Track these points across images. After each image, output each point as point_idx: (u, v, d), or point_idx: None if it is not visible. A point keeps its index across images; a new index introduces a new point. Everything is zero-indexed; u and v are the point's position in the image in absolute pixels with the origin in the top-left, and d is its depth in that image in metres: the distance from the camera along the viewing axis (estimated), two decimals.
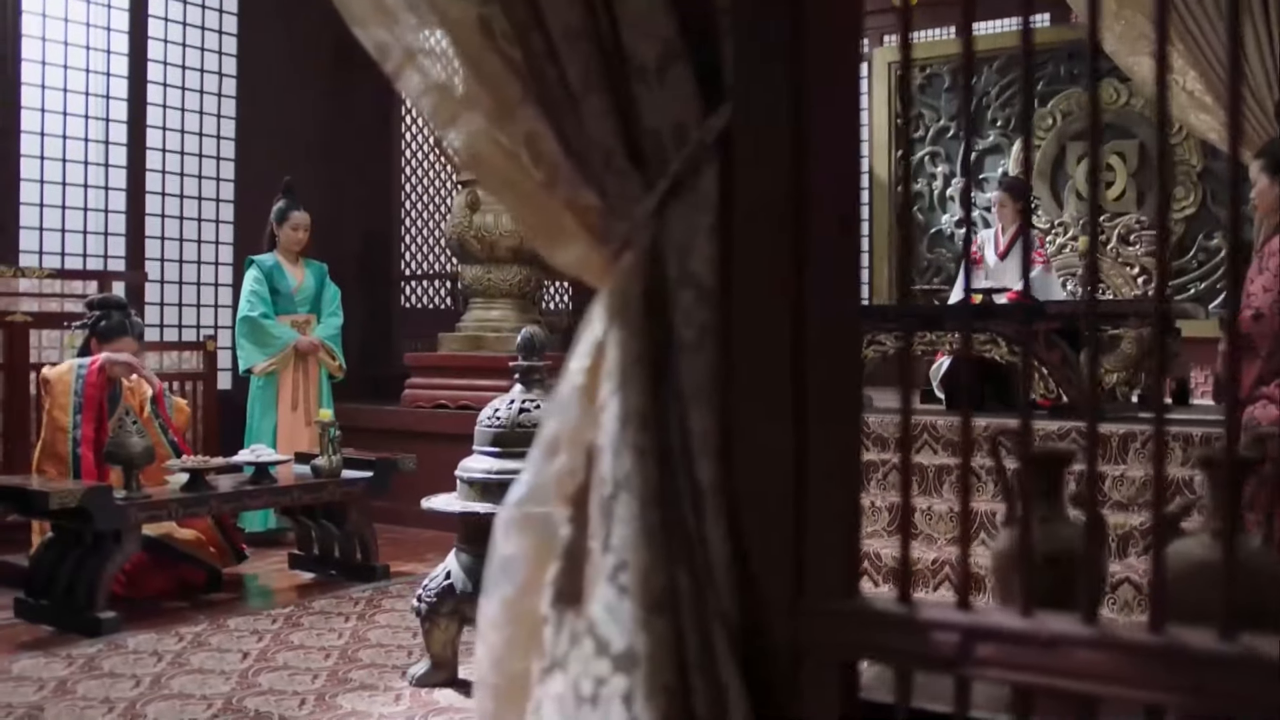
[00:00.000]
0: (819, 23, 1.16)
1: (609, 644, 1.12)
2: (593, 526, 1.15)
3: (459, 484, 3.79)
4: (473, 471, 3.72)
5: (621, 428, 1.15)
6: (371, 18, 1.41)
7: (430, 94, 1.36)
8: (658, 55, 1.23)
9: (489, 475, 3.67)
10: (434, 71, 1.37)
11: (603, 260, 1.28)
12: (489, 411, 3.79)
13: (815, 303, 1.14)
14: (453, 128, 1.36)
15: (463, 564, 3.70)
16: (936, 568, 4.88)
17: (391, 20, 1.39)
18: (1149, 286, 7.57)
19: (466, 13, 1.33)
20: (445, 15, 1.34)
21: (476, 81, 1.33)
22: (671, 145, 1.24)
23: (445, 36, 1.35)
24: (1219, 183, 7.86)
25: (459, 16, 1.33)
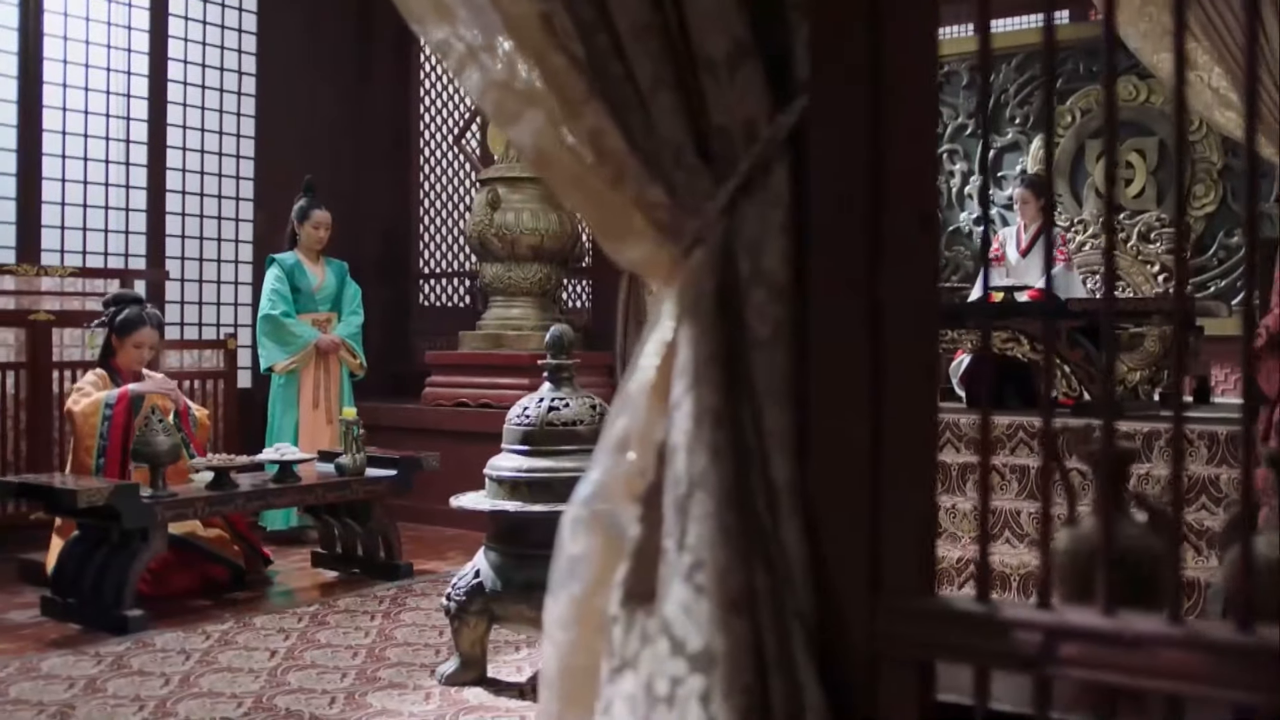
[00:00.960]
0: (895, 16, 1.15)
1: (685, 643, 1.11)
2: (667, 525, 1.14)
3: (488, 482, 3.79)
4: (502, 470, 3.72)
5: (696, 426, 1.15)
6: (431, 16, 1.41)
7: (492, 92, 1.36)
8: (728, 52, 1.22)
9: (518, 473, 3.67)
10: (495, 69, 1.36)
11: (670, 257, 1.27)
12: (518, 410, 3.78)
13: (893, 300, 1.13)
14: (515, 126, 1.35)
15: (491, 562, 3.69)
16: (961, 566, 4.87)
17: (452, 18, 1.38)
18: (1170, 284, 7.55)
19: (528, 10, 1.32)
20: (507, 13, 1.33)
21: (539, 79, 1.32)
22: (741, 142, 1.23)
23: (506, 34, 1.34)
24: (1239, 180, 7.82)
25: (520, 14, 1.33)
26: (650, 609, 1.20)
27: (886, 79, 1.15)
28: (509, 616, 3.68)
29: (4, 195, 6.27)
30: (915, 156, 1.15)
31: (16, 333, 5.88)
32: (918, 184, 1.14)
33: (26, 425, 5.85)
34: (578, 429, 3.70)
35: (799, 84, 1.23)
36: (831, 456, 1.15)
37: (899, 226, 1.14)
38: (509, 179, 6.64)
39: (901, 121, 1.15)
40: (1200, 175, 7.97)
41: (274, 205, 7.19)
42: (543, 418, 3.70)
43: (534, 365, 6.43)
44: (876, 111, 1.16)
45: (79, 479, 4.59)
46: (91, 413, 4.78)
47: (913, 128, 1.15)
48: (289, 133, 7.46)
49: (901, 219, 1.14)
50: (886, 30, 1.16)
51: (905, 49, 1.15)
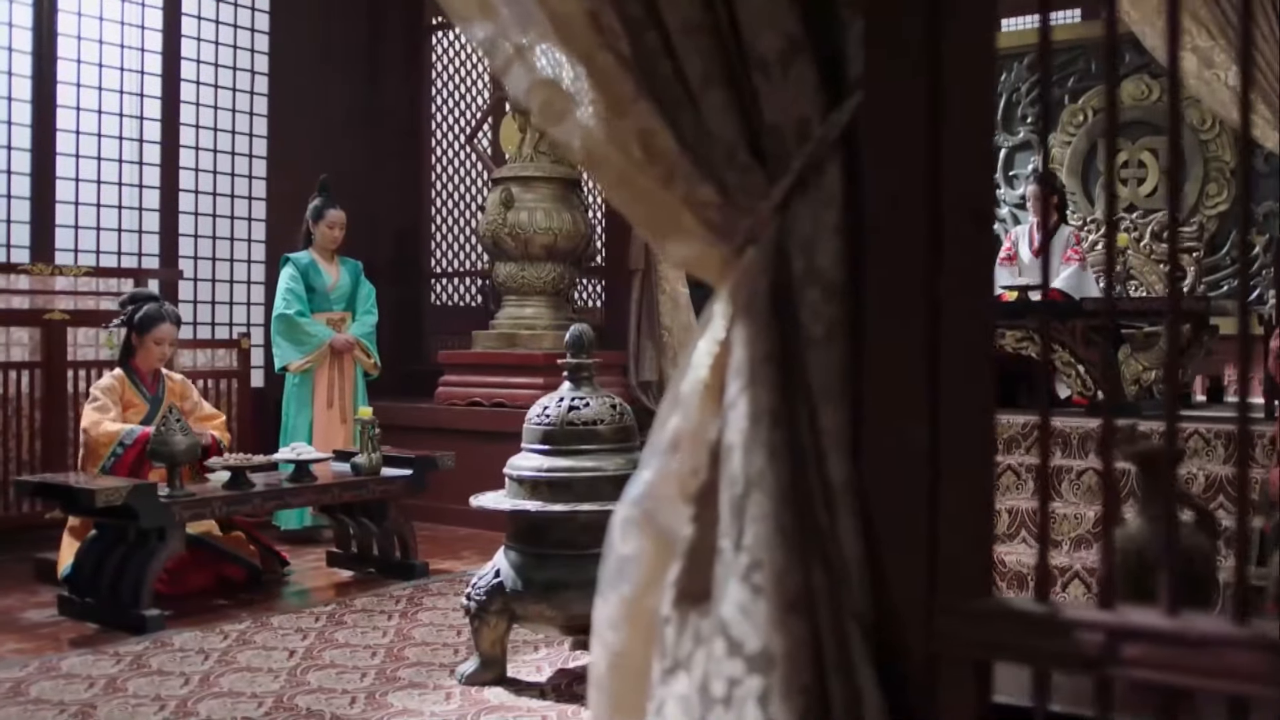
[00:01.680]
0: (953, 13, 1.14)
1: (743, 644, 1.11)
2: (723, 525, 1.14)
3: (508, 482, 3.78)
4: (522, 469, 3.72)
5: (752, 425, 1.14)
6: (476, 13, 1.40)
7: (538, 91, 1.35)
8: (780, 50, 1.21)
9: (539, 473, 3.66)
10: (541, 68, 1.35)
11: (721, 256, 1.26)
12: (538, 409, 3.78)
13: (950, 299, 1.12)
14: (562, 125, 1.34)
15: (512, 562, 3.69)
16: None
17: (496, 16, 1.38)
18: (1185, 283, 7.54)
19: (575, 8, 1.32)
20: (553, 12, 1.33)
21: (586, 78, 1.32)
22: (794, 140, 1.22)
23: (552, 33, 1.34)
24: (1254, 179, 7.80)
25: (567, 12, 1.32)
26: (703, 609, 1.20)
27: (943, 76, 1.15)
28: (529, 616, 3.67)
29: (18, 195, 6.27)
30: (972, 154, 1.14)
31: (31, 332, 5.89)
32: (974, 182, 1.14)
33: (41, 425, 5.85)
34: (598, 428, 3.70)
35: (851, 82, 1.23)
36: (888, 456, 1.15)
37: (955, 225, 1.14)
38: (522, 178, 6.63)
39: (958, 119, 1.14)
40: (1213, 174, 7.95)
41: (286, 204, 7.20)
42: (563, 417, 3.70)
43: (547, 365, 6.44)
44: (933, 109, 1.15)
45: (96, 478, 4.59)
46: (105, 443, 4.77)
47: (970, 125, 1.14)
48: (301, 132, 7.47)
49: (958, 218, 1.13)
50: (944, 27, 1.15)
51: (963, 45, 1.14)
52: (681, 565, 1.21)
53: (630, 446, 3.77)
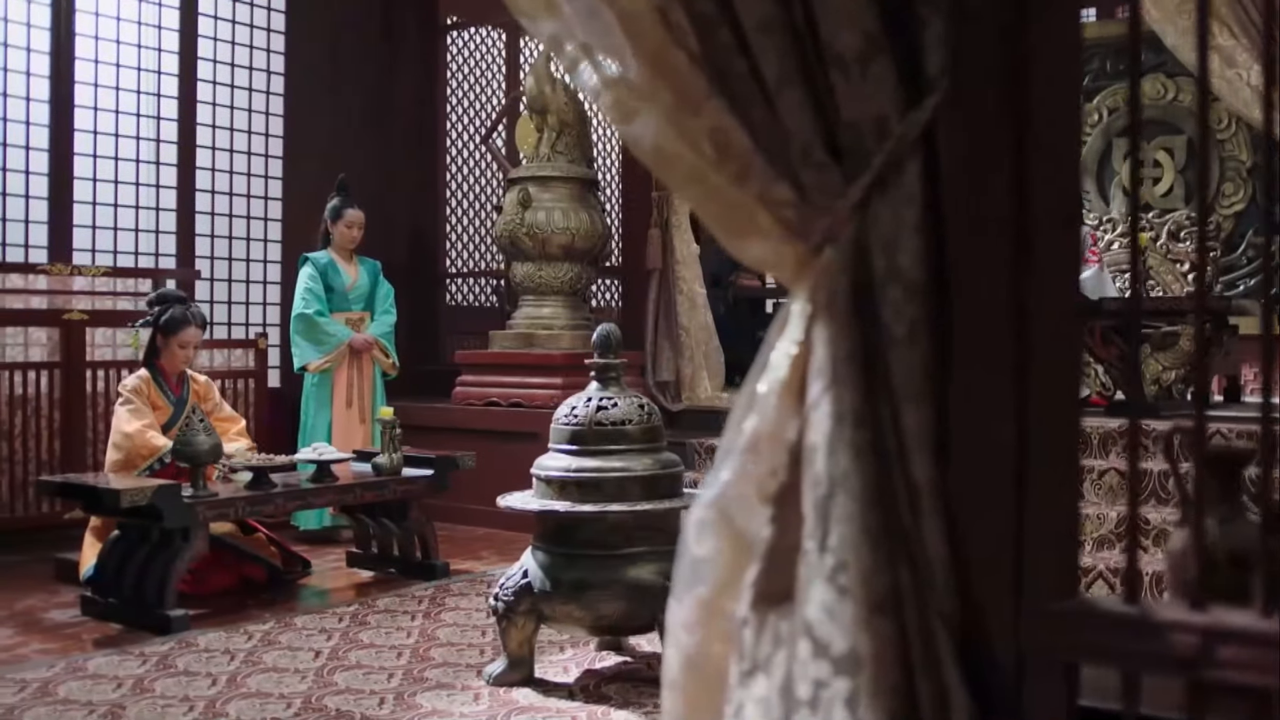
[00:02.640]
0: (1037, 11, 1.13)
1: (829, 646, 1.10)
2: (808, 527, 1.13)
3: (535, 482, 3.77)
4: (550, 470, 3.70)
5: (837, 426, 1.13)
6: (541, 11, 1.39)
7: (608, 89, 1.34)
8: (859, 48, 1.20)
9: (567, 473, 3.65)
10: (610, 66, 1.34)
11: (797, 255, 1.25)
12: (566, 409, 3.77)
13: (1036, 299, 1.12)
14: (632, 124, 1.33)
15: (540, 562, 3.68)
16: None
17: (563, 14, 1.37)
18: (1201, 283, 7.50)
19: (642, 5, 1.31)
20: (621, 9, 1.32)
21: (657, 76, 1.31)
22: (872, 139, 1.21)
23: (620, 30, 1.33)
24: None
25: (634, 9, 1.31)
26: (783, 611, 1.19)
27: (1028, 75, 1.14)
28: (557, 617, 3.67)
29: (36, 195, 6.27)
30: (1058, 154, 1.13)
31: (50, 332, 5.89)
32: (1060, 181, 1.13)
33: (61, 425, 5.85)
34: (626, 428, 3.69)
35: (929, 80, 1.22)
36: (974, 456, 1.14)
37: (1042, 225, 1.13)
38: (540, 178, 6.63)
39: (1044, 118, 1.13)
40: (1229, 174, 7.93)
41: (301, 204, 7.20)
42: (591, 417, 3.69)
43: (565, 364, 6.44)
44: (1017, 108, 1.14)
45: (121, 478, 4.59)
46: (146, 454, 4.77)
47: (1055, 124, 1.13)
48: (316, 132, 7.46)
49: (1044, 217, 1.13)
50: (1028, 25, 1.14)
51: (1048, 43, 1.13)
52: (760, 566, 1.20)
53: (658, 447, 3.76)
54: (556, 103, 6.63)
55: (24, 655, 4.03)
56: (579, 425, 3.70)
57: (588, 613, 3.62)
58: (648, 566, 3.61)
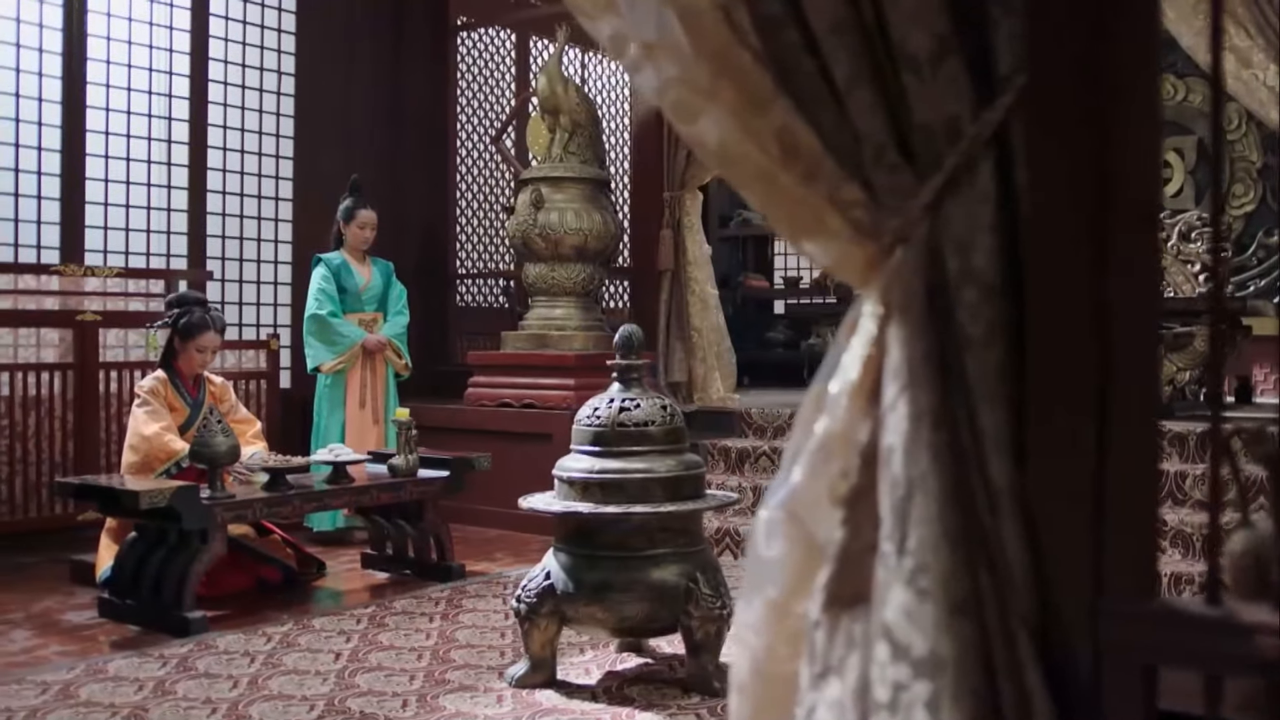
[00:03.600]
0: (1116, 9, 1.12)
1: (909, 649, 1.09)
2: (886, 529, 1.12)
3: (556, 483, 3.76)
4: (572, 471, 3.70)
5: (914, 427, 1.12)
6: (601, 10, 1.38)
7: (670, 90, 1.33)
8: (930, 48, 1.20)
9: (590, 474, 3.64)
10: (671, 67, 1.33)
11: (867, 256, 1.24)
12: (588, 410, 3.76)
13: (1117, 299, 1.11)
14: (695, 124, 1.33)
15: (562, 564, 3.67)
16: None
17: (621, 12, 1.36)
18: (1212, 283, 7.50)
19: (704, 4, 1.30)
20: (683, 9, 1.31)
21: (720, 75, 1.30)
22: (944, 139, 1.20)
23: (682, 29, 1.32)
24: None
25: (697, 9, 1.30)
26: (855, 613, 1.18)
27: (1106, 73, 1.13)
28: (580, 618, 3.66)
29: (48, 196, 6.26)
30: (1137, 153, 1.12)
31: (62, 333, 5.88)
32: (1140, 181, 1.12)
33: (74, 426, 5.84)
34: (649, 430, 3.68)
35: (1001, 80, 1.21)
36: (1052, 458, 1.13)
37: (1121, 223, 1.12)
38: (552, 179, 6.62)
39: (1123, 117, 1.13)
40: (1239, 174, 7.93)
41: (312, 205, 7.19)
42: (614, 418, 3.68)
43: (578, 365, 6.43)
44: (1094, 106, 1.13)
45: (139, 480, 4.59)
46: (163, 457, 4.76)
47: (1134, 121, 1.12)
48: (327, 133, 7.46)
49: (1124, 217, 1.12)
50: (1106, 23, 1.13)
51: (1127, 41, 1.12)
52: (832, 569, 1.19)
53: (681, 448, 3.75)
54: (569, 103, 6.62)
55: (44, 657, 4.02)
56: (601, 426, 3.69)
57: (611, 614, 3.61)
58: (671, 568, 3.60)
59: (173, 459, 4.75)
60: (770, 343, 9.46)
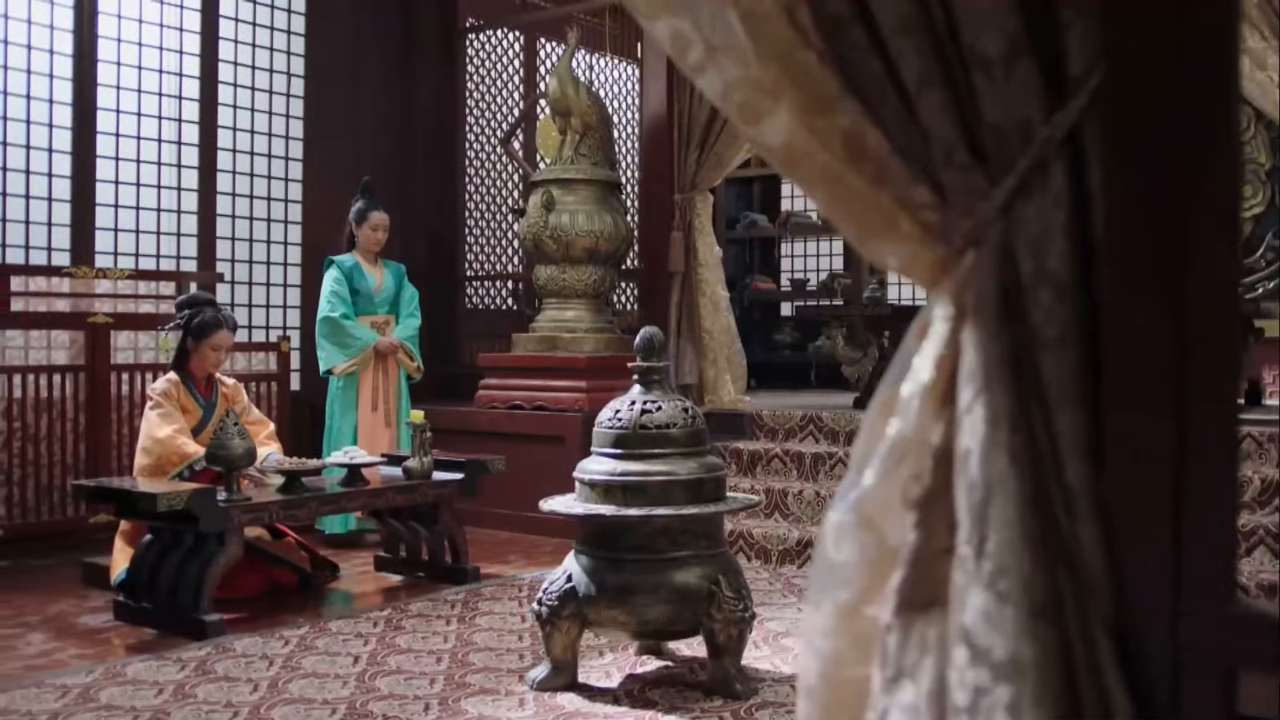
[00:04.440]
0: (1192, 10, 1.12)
1: (989, 652, 1.08)
2: (964, 532, 1.11)
3: (578, 485, 3.75)
4: (593, 473, 3.68)
5: (991, 430, 1.12)
6: (662, 11, 1.37)
7: (735, 91, 1.32)
8: (1002, 49, 1.19)
9: (611, 477, 3.63)
10: (734, 68, 1.32)
11: (937, 258, 1.24)
12: (609, 413, 3.75)
13: (1195, 299, 1.10)
14: (760, 126, 1.32)
15: (584, 566, 3.66)
16: None
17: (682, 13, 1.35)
18: None
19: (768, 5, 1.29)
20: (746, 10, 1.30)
21: (785, 76, 1.29)
22: (1015, 140, 1.20)
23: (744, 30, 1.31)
24: None
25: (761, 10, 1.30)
26: (929, 617, 1.17)
27: (1182, 72, 1.12)
28: (602, 621, 3.65)
29: (59, 197, 6.25)
30: (1214, 152, 1.12)
31: (73, 335, 5.87)
32: (1219, 179, 1.11)
33: (86, 428, 5.83)
34: (671, 432, 3.67)
35: (1072, 81, 1.20)
36: (1130, 460, 1.12)
37: (1200, 224, 1.11)
38: (563, 180, 6.61)
39: (1198, 117, 1.12)
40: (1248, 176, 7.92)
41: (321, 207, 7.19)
42: (635, 421, 3.67)
43: (590, 367, 6.42)
44: (1172, 106, 1.13)
45: (156, 482, 4.57)
46: (175, 461, 4.74)
47: (1211, 122, 1.12)
48: (336, 135, 7.45)
49: (1201, 220, 1.11)
50: (1181, 21, 1.12)
51: (1203, 40, 1.12)
52: (904, 572, 1.18)
53: (702, 450, 3.75)
54: (580, 105, 6.61)
55: (62, 661, 4.01)
56: (623, 428, 3.68)
57: (633, 617, 3.60)
58: (693, 571, 3.59)
59: (186, 462, 4.73)
60: (777, 345, 9.45)
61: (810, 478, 6.00)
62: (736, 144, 6.71)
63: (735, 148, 6.74)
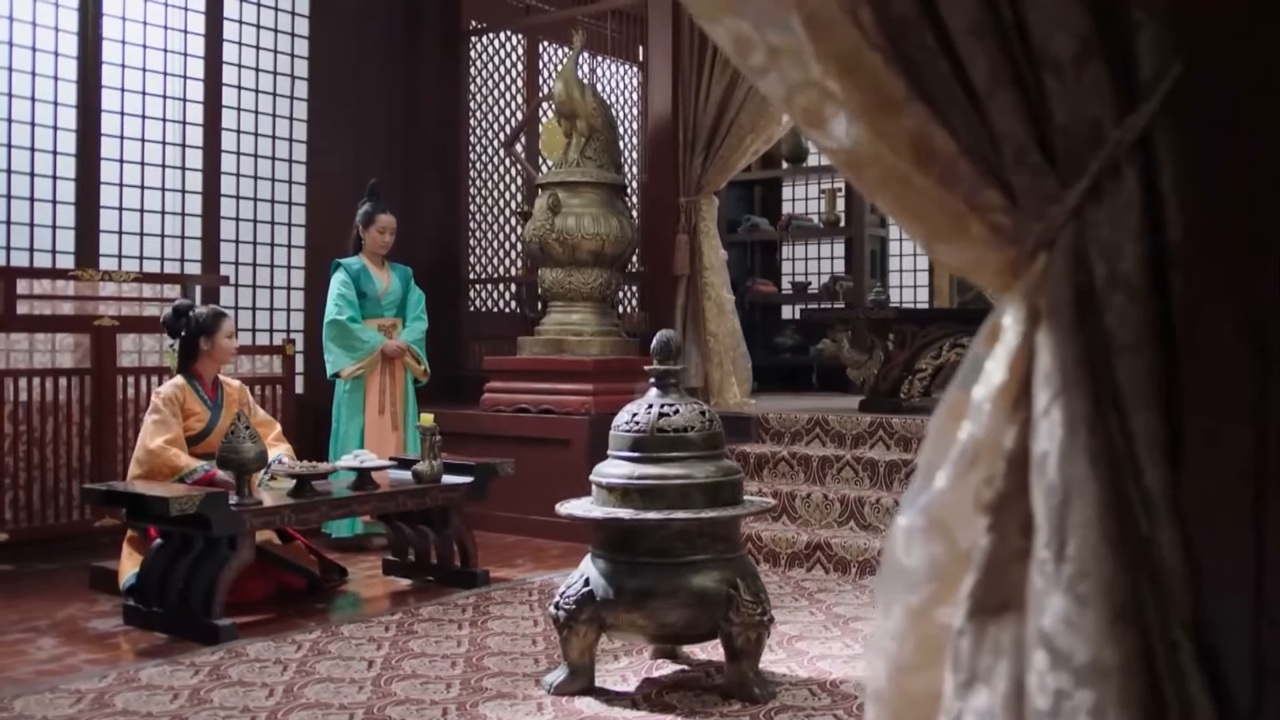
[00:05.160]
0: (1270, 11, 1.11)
1: (1070, 656, 1.08)
2: (1043, 536, 1.11)
3: (594, 489, 3.75)
4: (611, 477, 3.68)
5: (1069, 433, 1.11)
6: (723, 12, 1.37)
7: (798, 94, 1.31)
8: (1073, 50, 1.18)
9: (630, 480, 3.62)
10: (797, 70, 1.32)
11: (1005, 261, 1.23)
12: (625, 416, 3.74)
13: (1274, 301, 1.10)
14: (824, 128, 1.31)
15: (601, 570, 3.65)
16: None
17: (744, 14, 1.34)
18: None
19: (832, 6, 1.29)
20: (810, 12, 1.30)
21: (849, 78, 1.28)
22: (1085, 143, 1.19)
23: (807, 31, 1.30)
24: None
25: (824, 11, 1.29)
26: (1002, 621, 1.17)
27: (1260, 73, 1.12)
28: (621, 625, 3.64)
29: (63, 200, 6.23)
30: None
31: (78, 338, 5.84)
32: None
33: (91, 431, 5.80)
34: (689, 435, 3.66)
35: (1143, 84, 1.20)
36: (1208, 464, 1.12)
37: (1277, 226, 1.11)
38: (568, 183, 6.60)
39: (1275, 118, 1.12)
40: None
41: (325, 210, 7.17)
42: (653, 424, 3.66)
43: (597, 370, 6.42)
44: (1249, 107, 1.12)
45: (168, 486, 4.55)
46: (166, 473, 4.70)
47: None
48: (340, 137, 7.44)
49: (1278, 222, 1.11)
50: (1259, 25, 1.12)
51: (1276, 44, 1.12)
52: (978, 576, 1.18)
53: (719, 454, 3.74)
54: (585, 108, 6.61)
55: (74, 666, 3.99)
56: (641, 432, 3.67)
57: (652, 621, 3.60)
58: (711, 574, 3.59)
59: (176, 475, 4.70)
60: (778, 347, 9.45)
61: (818, 481, 5.99)
62: (742, 147, 6.72)
63: (740, 151, 6.74)
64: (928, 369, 6.50)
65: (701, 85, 6.73)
